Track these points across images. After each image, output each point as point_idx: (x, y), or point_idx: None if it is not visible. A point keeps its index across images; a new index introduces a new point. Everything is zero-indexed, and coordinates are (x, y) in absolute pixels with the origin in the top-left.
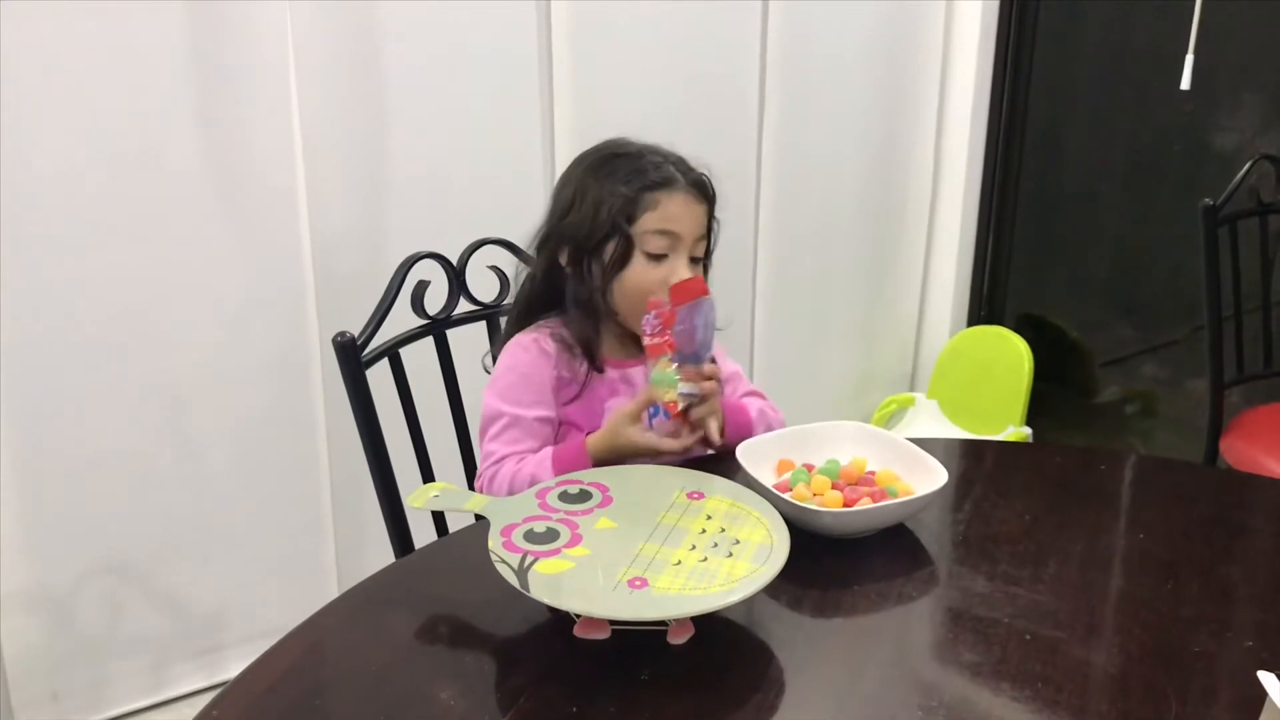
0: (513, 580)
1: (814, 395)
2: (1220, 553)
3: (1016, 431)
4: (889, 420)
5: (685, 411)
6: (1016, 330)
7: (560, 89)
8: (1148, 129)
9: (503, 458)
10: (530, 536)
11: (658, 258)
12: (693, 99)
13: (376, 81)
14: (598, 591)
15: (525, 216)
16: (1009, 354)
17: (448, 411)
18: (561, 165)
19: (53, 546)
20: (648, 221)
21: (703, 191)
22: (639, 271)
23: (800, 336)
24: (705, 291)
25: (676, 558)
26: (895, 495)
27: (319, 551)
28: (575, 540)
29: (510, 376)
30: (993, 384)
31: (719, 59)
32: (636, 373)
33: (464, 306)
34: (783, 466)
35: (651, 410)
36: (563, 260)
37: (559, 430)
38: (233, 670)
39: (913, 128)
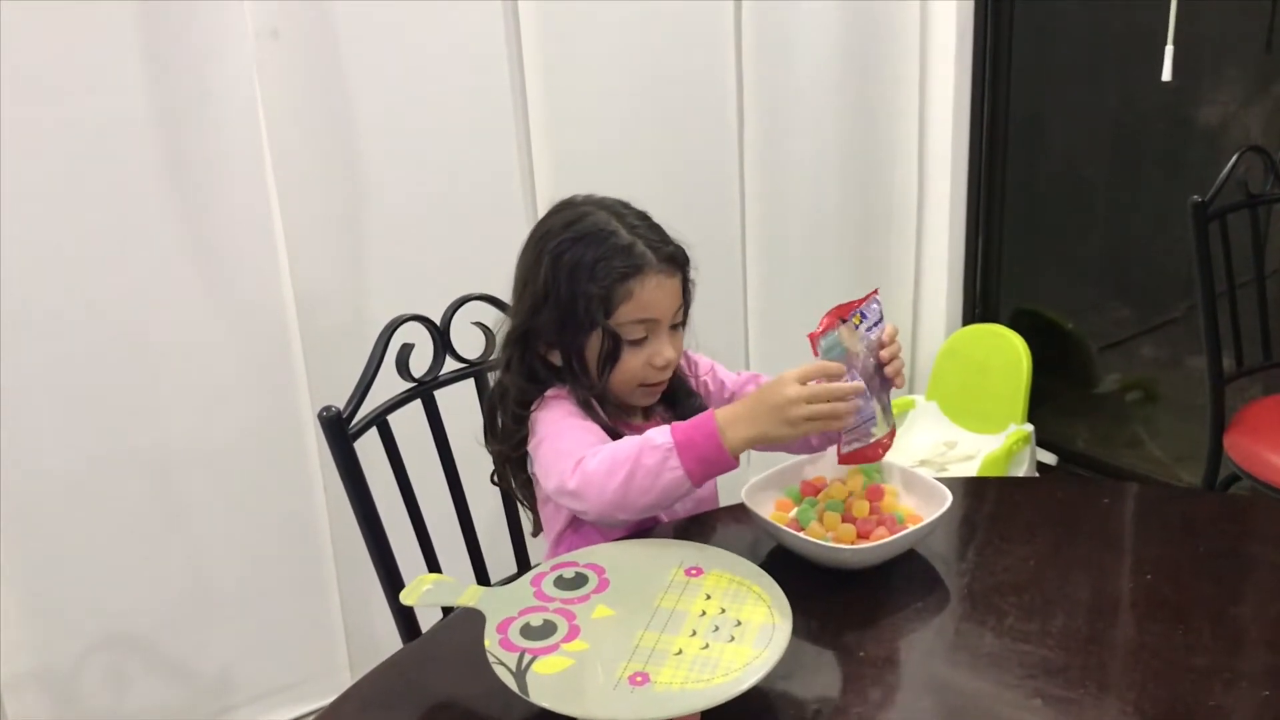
0: (511, 684)
1: None
2: (1228, 591)
3: (1019, 430)
4: None
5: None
6: (1012, 325)
7: (535, 121)
8: (1130, 108)
9: (582, 457)
10: (527, 631)
11: (639, 340)
12: (670, 119)
13: (347, 131)
14: (599, 691)
15: (510, 258)
16: (1006, 352)
17: (441, 474)
18: (542, 196)
19: (53, 626)
20: (624, 313)
21: (674, 264)
22: (625, 360)
23: (795, 348)
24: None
25: (677, 646)
26: (901, 520)
27: (324, 606)
28: (573, 633)
29: (557, 425)
30: (992, 383)
31: (693, 74)
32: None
33: (450, 365)
34: (781, 506)
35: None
36: (554, 360)
37: None
38: None
39: (895, 128)
